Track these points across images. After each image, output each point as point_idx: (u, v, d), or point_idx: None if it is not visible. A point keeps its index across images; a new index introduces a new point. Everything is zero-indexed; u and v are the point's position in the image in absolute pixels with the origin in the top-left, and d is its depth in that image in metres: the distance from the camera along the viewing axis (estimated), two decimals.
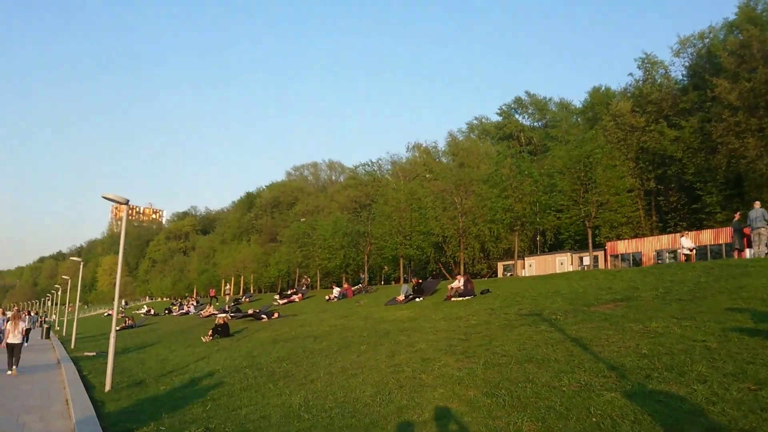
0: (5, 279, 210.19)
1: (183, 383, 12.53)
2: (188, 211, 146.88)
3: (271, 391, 10.36)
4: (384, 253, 36.01)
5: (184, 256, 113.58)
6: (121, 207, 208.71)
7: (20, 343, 17.15)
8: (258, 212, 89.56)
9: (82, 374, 15.39)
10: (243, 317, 28.06)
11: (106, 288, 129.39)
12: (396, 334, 14.28)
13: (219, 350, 17.77)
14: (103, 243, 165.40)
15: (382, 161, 70.74)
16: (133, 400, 10.82)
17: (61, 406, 10.78)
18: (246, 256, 66.83)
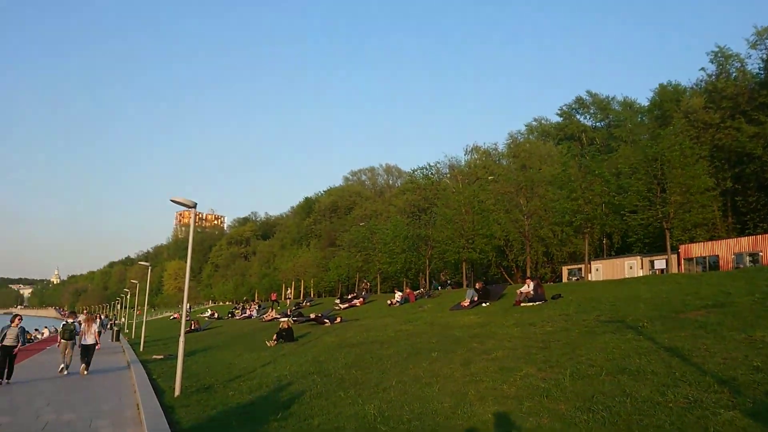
0: (78, 283, 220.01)
1: (251, 389, 12.28)
2: (249, 216, 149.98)
3: (343, 399, 9.95)
4: (446, 257, 35.36)
5: (245, 261, 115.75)
6: (185, 213, 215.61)
7: (93, 344, 17.95)
8: (317, 217, 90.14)
9: (152, 378, 15.43)
10: (305, 321, 27.97)
11: (172, 292, 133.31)
12: (467, 341, 13.67)
13: (284, 355, 17.56)
14: (168, 248, 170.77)
15: (440, 165, 70.05)
16: (202, 406, 10.61)
17: (132, 411, 10.68)
18: (305, 260, 67.32)
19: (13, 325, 15.16)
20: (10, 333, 14.93)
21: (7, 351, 14.75)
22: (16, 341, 14.91)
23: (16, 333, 14.99)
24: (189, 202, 12.12)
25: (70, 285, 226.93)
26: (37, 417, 10.07)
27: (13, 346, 14.85)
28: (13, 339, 14.86)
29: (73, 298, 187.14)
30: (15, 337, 14.93)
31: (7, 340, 14.76)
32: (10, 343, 14.78)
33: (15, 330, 15.04)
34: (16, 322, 15.25)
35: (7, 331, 14.94)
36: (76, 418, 10.02)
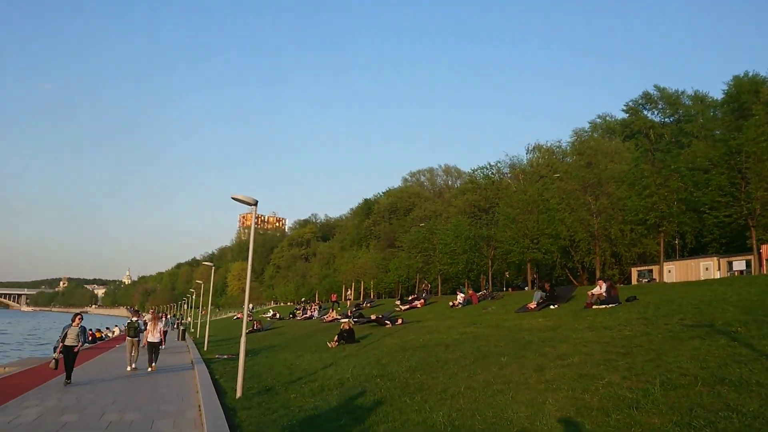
0: (148, 284, 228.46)
1: (313, 392, 11.93)
2: (309, 218, 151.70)
3: (408, 405, 9.42)
4: (510, 257, 34.34)
5: (306, 262, 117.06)
6: (248, 216, 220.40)
7: (158, 342, 18.99)
8: (376, 218, 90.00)
9: (214, 378, 15.34)
10: (366, 322, 27.63)
11: (235, 292, 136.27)
12: (538, 345, 12.89)
13: (346, 357, 17.20)
14: (232, 250, 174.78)
15: (501, 164, 68.60)
16: (263, 410, 10.30)
17: (193, 412, 10.49)
18: (365, 261, 67.24)
19: (74, 324, 14.72)
20: (71, 332, 14.51)
21: (69, 351, 14.40)
22: (77, 341, 14.54)
23: (76, 332, 14.57)
24: (250, 199, 11.89)
25: (140, 285, 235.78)
26: (101, 416, 10.01)
27: (74, 345, 14.48)
28: (74, 338, 14.46)
29: (143, 298, 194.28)
30: (76, 336, 14.51)
31: (68, 340, 14.39)
32: (71, 343, 14.41)
33: (76, 329, 14.60)
34: (76, 322, 14.81)
35: (68, 330, 14.53)
36: (138, 418, 9.89)
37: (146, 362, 18.46)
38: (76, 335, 14.56)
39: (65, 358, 14.21)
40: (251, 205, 12.09)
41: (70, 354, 14.39)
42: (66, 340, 14.36)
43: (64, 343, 14.29)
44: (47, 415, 9.98)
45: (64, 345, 14.29)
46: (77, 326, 14.69)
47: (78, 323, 14.77)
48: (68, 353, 14.35)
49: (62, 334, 14.51)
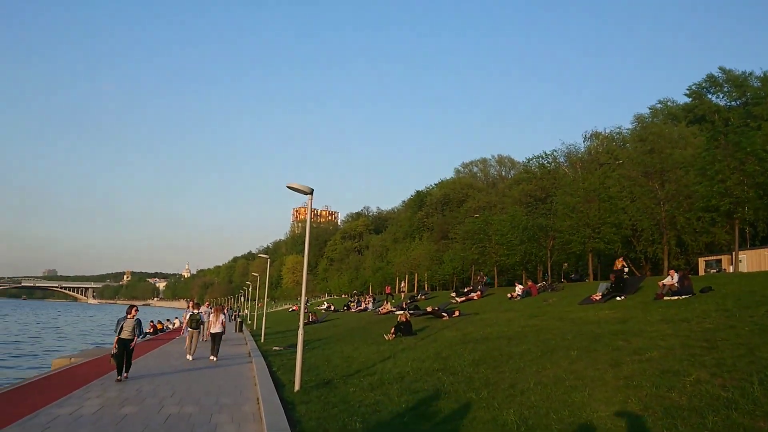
0: (206, 277, 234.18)
1: (372, 385, 11.54)
2: (361, 211, 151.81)
3: (475, 402, 8.90)
4: (570, 248, 33.15)
5: (359, 255, 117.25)
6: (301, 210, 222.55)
7: (220, 332, 19.24)
8: (428, 210, 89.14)
9: (272, 370, 15.19)
10: (422, 315, 27.14)
11: (290, 285, 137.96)
12: (609, 338, 12.12)
13: (404, 349, 16.77)
14: (286, 243, 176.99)
15: (557, 153, 66.70)
16: (322, 404, 9.97)
17: (251, 406, 10.26)
18: (419, 253, 66.64)
19: (129, 317, 13.85)
20: (127, 325, 13.65)
21: (125, 344, 13.56)
22: (133, 334, 13.63)
23: (132, 325, 13.67)
24: (305, 188, 11.56)
25: (199, 278, 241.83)
26: (160, 408, 9.89)
27: (130, 339, 13.58)
28: (129, 332, 13.55)
29: (202, 291, 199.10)
30: (131, 329, 13.61)
31: (124, 333, 13.51)
32: (126, 336, 13.54)
33: (131, 322, 13.73)
34: (132, 314, 13.93)
35: (123, 323, 13.67)
36: (196, 411, 9.72)
37: (207, 352, 19.34)
38: (132, 328, 13.65)
39: (120, 353, 13.45)
40: (306, 194, 11.76)
41: (126, 348, 13.57)
42: (122, 333, 13.51)
43: (120, 337, 13.47)
44: (108, 406, 9.93)
45: (120, 338, 13.45)
46: (132, 319, 13.83)
47: (133, 315, 13.93)
48: (124, 347, 13.54)
49: (117, 327, 13.68)
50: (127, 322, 13.72)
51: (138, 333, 13.93)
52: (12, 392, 11.41)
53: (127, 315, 13.90)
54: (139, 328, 14.03)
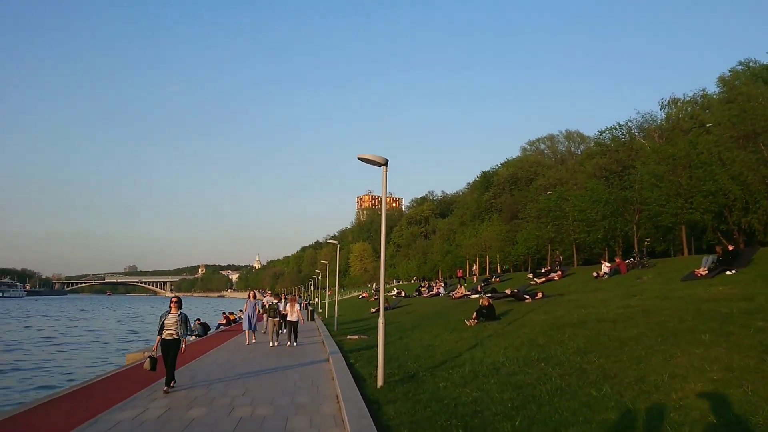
0: (276, 267, 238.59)
1: (464, 379, 10.15)
2: (426, 196, 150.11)
3: (597, 400, 7.35)
4: (660, 220, 30.53)
5: (426, 239, 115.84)
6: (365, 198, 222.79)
7: (296, 321, 19.94)
8: (496, 191, 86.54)
9: (349, 362, 14.01)
10: (502, 298, 25.48)
11: (358, 273, 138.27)
12: (744, 318, 10.26)
13: (490, 336, 15.27)
14: (352, 231, 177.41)
15: (632, 123, 62.89)
16: (411, 403, 8.65)
17: (331, 406, 9.06)
18: (489, 235, 64.55)
19: (172, 311, 11.14)
20: (169, 322, 10.96)
21: (168, 347, 10.89)
22: (178, 333, 10.97)
23: (176, 322, 10.97)
24: (379, 159, 10.21)
25: (270, 269, 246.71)
26: (231, 410, 8.84)
27: (174, 340, 10.92)
28: (173, 330, 10.90)
29: (273, 281, 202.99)
30: (175, 326, 10.93)
31: (167, 332, 10.90)
32: (169, 336, 10.88)
33: (175, 318, 11.00)
34: (173, 308, 11.16)
35: (165, 319, 11.00)
36: (270, 413, 8.61)
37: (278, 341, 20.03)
38: (176, 326, 10.97)
39: (164, 356, 10.86)
40: (380, 165, 10.42)
41: (170, 350, 10.89)
42: (164, 332, 10.94)
43: (162, 336, 10.92)
44: (175, 409, 8.96)
45: (162, 339, 10.92)
46: (176, 314, 11.11)
47: (176, 310, 11.17)
48: (167, 349, 10.90)
49: (159, 324, 11.06)
50: (170, 319, 11.01)
51: (184, 332, 11.06)
52: (77, 392, 10.69)
53: (169, 309, 11.21)
54: (186, 326, 11.14)
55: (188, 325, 11.30)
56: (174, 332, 10.93)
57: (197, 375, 12.78)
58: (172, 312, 11.09)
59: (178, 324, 10.97)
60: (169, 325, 10.95)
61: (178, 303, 11.19)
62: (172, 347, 10.91)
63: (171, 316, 11.05)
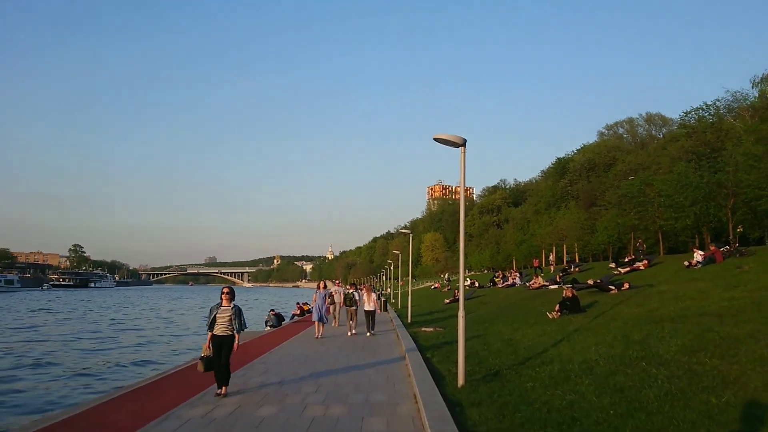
0: (348, 258, 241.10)
1: (554, 378, 9.24)
2: (498, 184, 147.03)
3: (717, 408, 6.33)
4: (759, 205, 28.12)
5: (498, 229, 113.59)
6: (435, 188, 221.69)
7: (373, 310, 20.62)
8: (572, 177, 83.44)
9: (425, 356, 13.30)
10: (584, 288, 24.08)
11: (430, 262, 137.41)
12: None
13: (577, 331, 14.20)
14: (423, 221, 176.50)
15: (720, 103, 58.83)
16: (497, 406, 7.85)
17: (409, 406, 8.39)
18: (565, 223, 62.26)
19: (224, 303, 9.56)
20: (221, 316, 9.46)
21: (220, 345, 9.37)
22: (231, 329, 9.44)
23: (229, 315, 9.45)
24: (457, 138, 9.40)
25: (342, 260, 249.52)
26: (303, 409, 8.32)
27: (227, 336, 9.40)
28: (225, 326, 9.41)
29: (345, 272, 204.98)
30: (228, 320, 9.43)
31: (218, 328, 9.42)
32: (222, 333, 9.39)
33: (227, 311, 9.49)
34: (225, 301, 9.56)
35: (217, 313, 9.52)
36: (345, 413, 8.02)
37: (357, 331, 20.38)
38: (229, 320, 9.44)
39: (215, 355, 9.36)
40: (458, 146, 9.60)
41: (223, 348, 9.37)
42: (215, 327, 9.44)
43: (213, 332, 9.43)
44: (245, 405, 8.53)
45: (213, 335, 9.42)
46: (229, 306, 9.54)
47: (228, 302, 9.56)
48: (220, 347, 9.38)
49: (210, 318, 9.57)
50: (222, 312, 9.51)
51: (239, 327, 9.55)
52: (150, 386, 10.49)
53: (220, 301, 9.64)
54: (240, 320, 9.59)
55: (242, 319, 9.74)
56: (227, 328, 9.43)
57: (270, 368, 12.40)
58: (224, 304, 9.54)
59: (232, 318, 9.45)
60: (221, 319, 9.45)
61: (230, 294, 9.65)
62: (225, 345, 9.37)
63: (223, 309, 9.51)
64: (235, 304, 9.60)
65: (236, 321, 9.46)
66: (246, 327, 9.99)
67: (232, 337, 9.47)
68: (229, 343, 9.43)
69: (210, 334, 9.45)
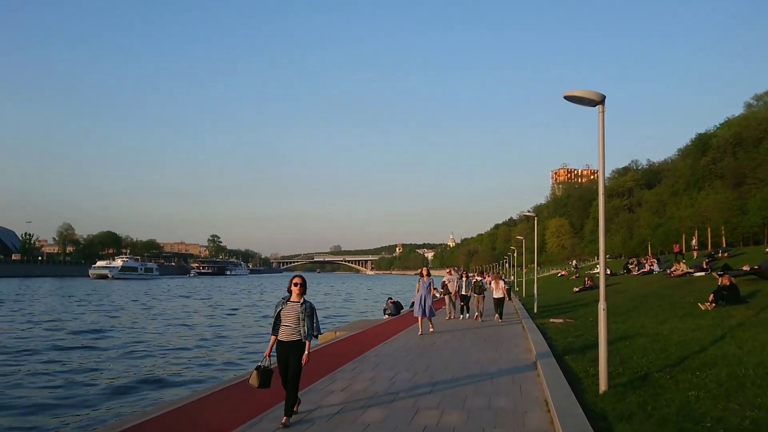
0: (470, 245, 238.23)
1: (724, 386, 7.45)
2: (629, 166, 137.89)
3: None
4: None
5: (630, 212, 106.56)
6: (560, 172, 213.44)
7: (502, 297, 21.26)
8: (715, 155, 75.95)
9: (555, 352, 11.72)
10: (742, 275, 21.02)
11: (555, 249, 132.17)
12: None
13: (741, 325, 11.97)
14: (547, 207, 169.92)
15: None
16: (654, 422, 6.25)
17: (540, 415, 7.03)
18: (709, 205, 56.64)
19: (294, 298, 6.94)
20: (288, 315, 6.83)
21: (287, 354, 6.81)
22: (299, 333, 6.79)
23: (297, 314, 6.82)
24: (593, 95, 7.75)
25: (463, 247, 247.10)
26: (414, 413, 7.21)
27: (297, 342, 6.79)
28: (293, 327, 6.79)
29: (467, 259, 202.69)
30: (296, 320, 6.79)
31: (284, 330, 6.83)
32: (288, 337, 6.80)
33: (296, 307, 6.86)
34: (295, 293, 6.93)
35: (282, 309, 6.88)
36: (461, 421, 6.80)
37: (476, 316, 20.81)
38: (297, 319, 6.81)
39: (280, 368, 6.88)
40: (594, 105, 7.97)
41: (290, 359, 6.80)
42: (280, 330, 6.86)
43: (278, 336, 6.88)
44: (349, 409, 7.53)
45: (278, 340, 6.88)
46: (299, 302, 6.92)
47: (299, 297, 6.94)
48: (285, 357, 6.83)
49: (275, 317, 6.94)
50: (288, 309, 6.87)
51: (309, 331, 6.83)
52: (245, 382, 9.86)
53: (288, 294, 7.01)
54: (312, 321, 6.92)
55: (315, 320, 6.99)
56: (294, 331, 6.77)
57: (382, 362, 11.45)
58: (292, 299, 6.91)
59: (300, 318, 6.78)
60: (287, 318, 6.79)
61: (302, 286, 6.92)
62: (292, 354, 6.76)
63: (291, 304, 6.87)
64: (306, 300, 6.99)
65: (305, 323, 6.78)
66: (320, 331, 7.26)
67: (302, 345, 6.78)
68: (297, 353, 6.76)
69: (273, 339, 6.90)
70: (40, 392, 14.12)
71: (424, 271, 17.40)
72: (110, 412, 12.19)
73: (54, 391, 14.34)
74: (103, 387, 14.83)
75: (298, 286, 6.96)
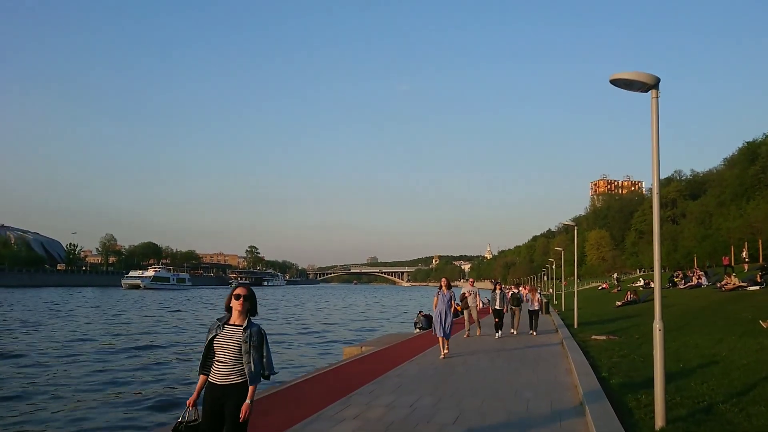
0: (507, 257, 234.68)
1: None
2: (672, 176, 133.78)
3: None
4: None
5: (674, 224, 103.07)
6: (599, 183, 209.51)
7: (537, 310, 21.14)
8: (765, 163, 72.88)
9: (599, 376, 10.43)
10: None
11: (595, 262, 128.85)
12: None
13: None
14: (587, 219, 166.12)
15: None
16: None
17: None
18: (760, 215, 53.97)
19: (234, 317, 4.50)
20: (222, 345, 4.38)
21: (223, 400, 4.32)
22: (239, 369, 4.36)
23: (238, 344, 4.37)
24: (646, 77, 6.55)
25: (501, 259, 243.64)
26: None
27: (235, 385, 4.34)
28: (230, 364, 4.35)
29: (504, 271, 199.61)
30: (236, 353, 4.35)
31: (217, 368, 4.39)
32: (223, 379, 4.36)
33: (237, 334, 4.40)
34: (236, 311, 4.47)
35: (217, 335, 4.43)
36: None
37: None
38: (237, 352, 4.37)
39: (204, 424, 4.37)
40: (647, 90, 6.78)
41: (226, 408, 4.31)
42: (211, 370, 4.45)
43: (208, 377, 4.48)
44: None
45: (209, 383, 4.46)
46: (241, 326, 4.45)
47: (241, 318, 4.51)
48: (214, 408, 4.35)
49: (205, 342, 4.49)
50: (226, 336, 4.40)
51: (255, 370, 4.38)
52: (265, 399, 8.87)
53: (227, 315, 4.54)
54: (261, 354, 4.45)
55: (266, 352, 4.49)
56: (233, 370, 4.35)
57: (404, 384, 10.33)
58: (232, 321, 4.49)
59: (243, 350, 4.37)
60: (223, 351, 4.36)
61: (246, 299, 4.48)
62: (228, 403, 4.30)
63: (229, 330, 4.43)
64: (253, 323, 4.54)
65: (252, 357, 4.37)
66: (273, 371, 4.56)
67: (243, 391, 4.34)
68: (235, 402, 4.29)
69: (202, 379, 4.52)
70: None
71: (443, 282, 14.70)
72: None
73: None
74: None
75: (241, 300, 4.45)
